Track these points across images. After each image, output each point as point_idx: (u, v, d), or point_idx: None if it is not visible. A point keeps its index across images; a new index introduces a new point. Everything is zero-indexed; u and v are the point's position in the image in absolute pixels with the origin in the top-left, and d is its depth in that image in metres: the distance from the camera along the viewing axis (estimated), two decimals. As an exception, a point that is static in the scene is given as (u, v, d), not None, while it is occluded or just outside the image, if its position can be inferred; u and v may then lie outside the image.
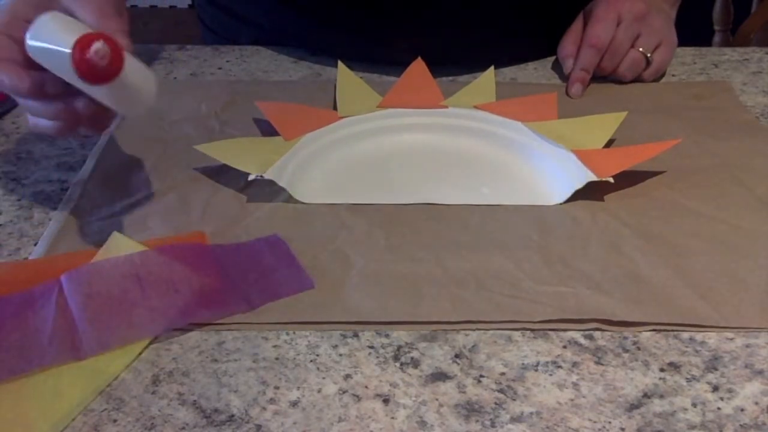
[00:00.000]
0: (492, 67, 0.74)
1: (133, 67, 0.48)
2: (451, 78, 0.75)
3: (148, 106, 0.50)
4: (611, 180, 0.56)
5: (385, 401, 0.42)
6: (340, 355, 0.45)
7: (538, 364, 0.44)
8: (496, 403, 0.41)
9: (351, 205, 0.57)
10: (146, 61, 0.80)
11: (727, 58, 0.79)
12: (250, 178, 0.57)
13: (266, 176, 0.57)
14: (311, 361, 0.44)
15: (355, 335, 0.46)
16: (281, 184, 0.57)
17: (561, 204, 0.57)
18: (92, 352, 0.44)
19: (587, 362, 0.44)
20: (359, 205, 0.57)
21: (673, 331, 0.46)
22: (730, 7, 1.35)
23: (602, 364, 0.44)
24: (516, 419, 0.41)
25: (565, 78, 0.74)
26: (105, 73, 0.46)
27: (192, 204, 0.57)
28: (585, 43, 0.72)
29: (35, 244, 0.54)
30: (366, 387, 0.43)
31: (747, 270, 0.50)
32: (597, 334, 0.46)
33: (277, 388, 0.43)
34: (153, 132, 0.67)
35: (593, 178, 0.56)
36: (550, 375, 0.43)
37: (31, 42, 0.47)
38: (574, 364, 0.44)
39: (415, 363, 0.44)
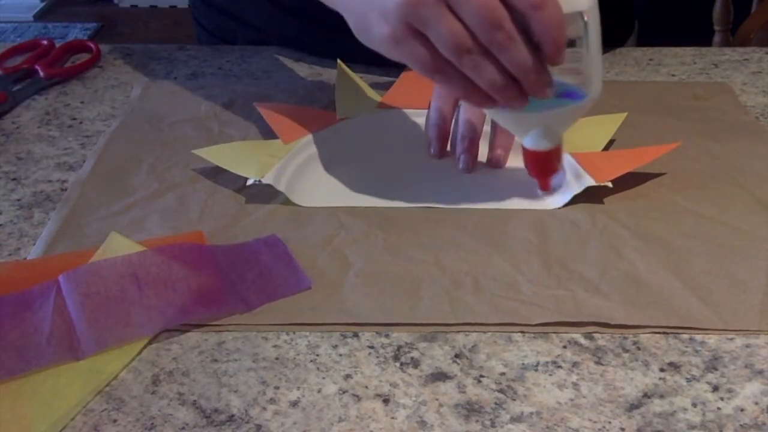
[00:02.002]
0: None
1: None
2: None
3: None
4: (610, 185, 0.56)
5: (385, 401, 0.42)
6: (340, 355, 0.45)
7: (538, 364, 0.44)
8: (496, 403, 0.41)
9: (349, 206, 0.57)
10: (146, 61, 0.81)
11: (727, 58, 0.79)
12: (249, 183, 0.58)
13: (264, 181, 0.57)
14: (311, 361, 0.44)
15: (355, 335, 0.46)
16: (279, 188, 0.57)
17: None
18: (90, 351, 0.44)
19: (587, 362, 0.44)
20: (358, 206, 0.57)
21: (673, 331, 0.46)
22: (730, 7, 1.35)
23: (602, 364, 0.44)
24: (516, 419, 0.40)
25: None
26: None
27: (190, 204, 0.57)
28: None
29: (35, 244, 0.54)
30: (366, 387, 0.43)
31: (746, 272, 0.50)
32: (597, 334, 0.46)
33: (277, 388, 0.43)
34: (152, 132, 0.67)
35: (592, 183, 0.56)
36: (550, 375, 0.43)
37: None
38: (574, 364, 0.44)
39: (415, 363, 0.44)
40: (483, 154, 0.62)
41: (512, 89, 0.48)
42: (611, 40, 0.83)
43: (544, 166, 0.55)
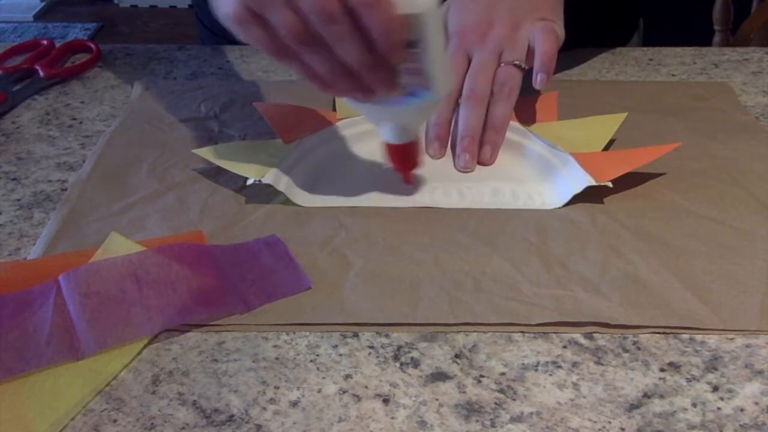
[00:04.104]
0: None
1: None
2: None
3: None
4: (610, 185, 0.56)
5: (385, 401, 0.42)
6: (340, 355, 0.45)
7: (538, 364, 0.44)
8: (496, 403, 0.41)
9: (349, 206, 0.57)
10: (146, 61, 0.81)
11: (727, 58, 0.79)
12: (249, 183, 0.57)
13: (264, 181, 0.57)
14: (311, 361, 0.44)
15: (355, 335, 0.46)
16: (279, 188, 0.57)
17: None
18: (90, 351, 0.44)
19: (587, 362, 0.44)
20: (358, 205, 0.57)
21: (673, 331, 0.46)
22: (730, 7, 1.35)
23: (602, 364, 0.44)
24: (516, 419, 0.40)
25: (565, 75, 0.74)
26: None
27: (190, 204, 0.57)
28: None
29: (35, 244, 0.54)
30: (366, 387, 0.43)
31: (746, 272, 0.50)
32: (597, 334, 0.46)
33: (277, 388, 0.43)
34: (152, 132, 0.67)
35: (592, 182, 0.56)
36: (550, 375, 0.43)
37: None
38: (574, 364, 0.44)
39: (415, 363, 0.44)
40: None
41: (352, 81, 0.49)
42: (615, 39, 0.84)
43: (402, 160, 0.58)
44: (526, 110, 0.66)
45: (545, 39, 0.63)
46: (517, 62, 0.63)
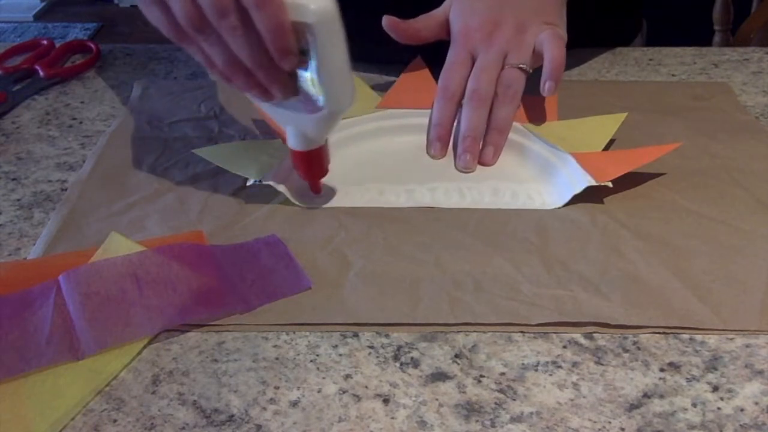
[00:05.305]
0: None
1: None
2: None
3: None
4: (610, 185, 0.56)
5: (385, 401, 0.42)
6: (340, 355, 0.45)
7: (538, 364, 0.44)
8: (496, 403, 0.41)
9: (349, 206, 0.57)
10: (146, 61, 0.81)
11: (727, 58, 0.79)
12: (249, 183, 0.57)
13: (264, 181, 0.57)
14: (311, 361, 0.44)
15: (355, 335, 0.46)
16: (279, 188, 0.57)
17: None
18: (90, 351, 0.44)
19: (587, 362, 0.44)
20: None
21: (673, 331, 0.46)
22: (730, 7, 1.35)
23: (602, 364, 0.44)
24: (516, 419, 0.40)
25: (565, 75, 0.74)
26: None
27: (190, 204, 0.57)
28: (436, 95, 0.65)
29: (35, 244, 0.54)
30: (366, 387, 0.43)
31: (746, 272, 0.50)
32: (597, 334, 0.46)
33: (277, 388, 0.43)
34: (152, 132, 0.67)
35: (592, 182, 0.56)
36: (550, 375, 0.43)
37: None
38: (574, 364, 0.44)
39: (415, 363, 0.44)
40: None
41: (248, 77, 0.50)
42: (617, 40, 0.84)
43: (306, 167, 0.56)
44: (526, 110, 0.66)
45: (554, 46, 0.63)
46: (522, 65, 0.63)
